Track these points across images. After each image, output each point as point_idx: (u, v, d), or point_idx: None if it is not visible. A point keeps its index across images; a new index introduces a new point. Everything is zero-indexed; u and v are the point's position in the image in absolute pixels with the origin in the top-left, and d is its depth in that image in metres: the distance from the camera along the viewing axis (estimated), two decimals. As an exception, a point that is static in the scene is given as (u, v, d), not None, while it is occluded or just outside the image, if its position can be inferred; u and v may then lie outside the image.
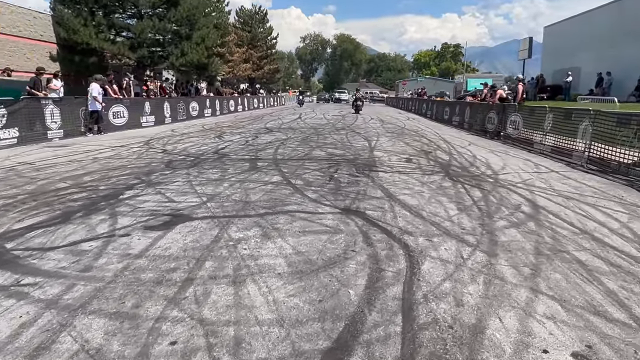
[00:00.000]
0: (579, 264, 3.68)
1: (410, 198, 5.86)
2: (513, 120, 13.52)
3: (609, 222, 4.98)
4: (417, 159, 9.38)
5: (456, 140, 13.30)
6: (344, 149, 10.93)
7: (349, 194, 6.01)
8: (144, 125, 17.19)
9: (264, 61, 50.22)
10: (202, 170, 7.72)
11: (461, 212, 5.21)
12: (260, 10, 51.88)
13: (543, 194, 6.33)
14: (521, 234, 4.43)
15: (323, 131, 15.77)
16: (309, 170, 7.80)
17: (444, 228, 4.56)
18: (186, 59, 25.19)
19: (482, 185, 6.79)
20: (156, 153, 9.78)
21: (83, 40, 22.79)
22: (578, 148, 9.56)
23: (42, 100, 11.89)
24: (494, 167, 8.59)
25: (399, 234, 4.33)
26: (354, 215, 4.99)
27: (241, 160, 8.93)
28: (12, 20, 22.31)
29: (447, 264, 3.60)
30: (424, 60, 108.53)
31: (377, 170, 7.95)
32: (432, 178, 7.33)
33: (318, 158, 9.33)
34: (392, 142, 12.51)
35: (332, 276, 3.32)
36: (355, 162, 8.84)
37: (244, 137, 13.42)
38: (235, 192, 6.00)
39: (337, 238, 4.18)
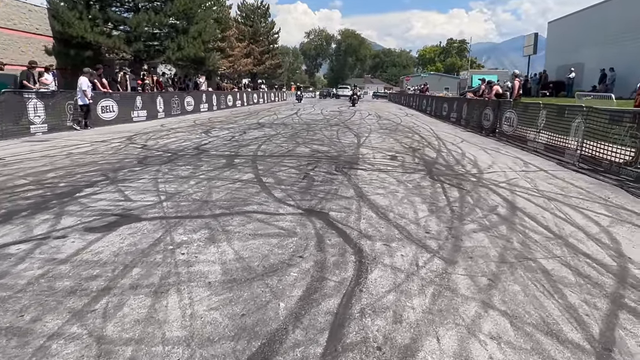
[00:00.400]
0: (544, 273, 3.37)
1: (382, 198, 5.56)
2: (508, 117, 13.16)
3: (588, 226, 4.66)
4: (403, 157, 9.06)
5: (449, 137, 12.96)
6: (331, 145, 10.63)
7: (319, 193, 5.72)
8: (135, 120, 16.95)
9: (266, 56, 49.89)
10: (174, 167, 7.45)
11: (431, 214, 4.91)
12: (262, 5, 51.50)
13: (525, 194, 6.00)
14: (489, 239, 4.12)
15: (315, 127, 15.47)
16: (286, 168, 7.51)
17: (407, 232, 4.26)
18: (183, 53, 24.92)
19: (462, 185, 6.48)
20: (135, 149, 9.52)
21: (78, 33, 22.58)
22: (570, 146, 9.21)
23: (25, 94, 11.65)
24: (481, 166, 8.26)
25: (357, 238, 4.04)
26: (315, 216, 4.69)
27: (220, 156, 8.65)
28: (6, 13, 22.10)
29: (398, 273, 3.30)
30: (429, 56, 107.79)
31: (357, 168, 7.64)
32: (412, 177, 7.02)
33: (300, 155, 9.03)
34: (383, 139, 12.18)
35: (267, 286, 3.04)
36: (338, 160, 8.54)
37: (231, 133, 13.14)
38: (199, 191, 5.72)
39: (288, 242, 3.89)
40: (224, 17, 40.98)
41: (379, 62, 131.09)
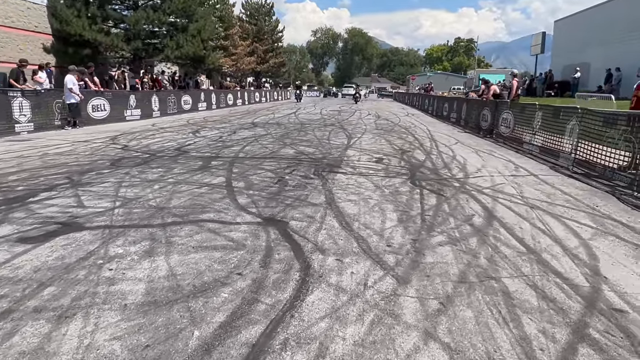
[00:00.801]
0: (504, 296, 3.03)
1: (352, 206, 5.24)
2: (505, 118, 12.77)
3: (568, 238, 4.31)
4: (390, 159, 8.73)
5: (443, 139, 12.58)
6: (318, 146, 10.31)
7: (287, 200, 5.40)
8: (128, 119, 16.73)
9: (270, 54, 49.59)
10: (145, 169, 7.17)
11: (399, 224, 4.57)
12: (266, 3, 51.20)
13: (507, 201, 5.65)
14: (454, 254, 3.78)
15: (309, 127, 15.16)
16: (262, 171, 7.20)
17: (367, 244, 3.93)
18: (181, 52, 24.65)
19: (443, 191, 6.13)
20: (114, 149, 9.26)
21: (76, 31, 22.36)
22: (565, 149, 8.83)
23: (10, 93, 11.43)
24: (469, 169, 7.90)
25: (309, 252, 3.72)
26: (273, 226, 4.38)
27: (198, 158, 8.37)
28: (4, 10, 21.97)
29: (340, 295, 2.98)
30: (436, 55, 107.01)
31: (337, 172, 7.32)
32: (392, 181, 6.69)
33: (283, 157, 8.73)
34: (374, 140, 11.84)
35: (189, 310, 2.73)
36: (321, 162, 8.23)
37: (221, 133, 12.86)
38: (159, 196, 5.43)
39: (232, 257, 3.58)
40: (227, 15, 40.76)
41: (386, 61, 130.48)
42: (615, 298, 3.08)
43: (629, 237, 4.41)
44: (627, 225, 4.83)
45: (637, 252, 3.99)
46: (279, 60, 51.14)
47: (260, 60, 47.27)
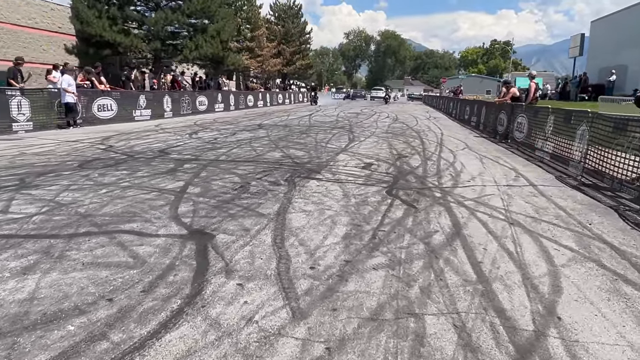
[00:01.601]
0: (415, 341, 2.43)
1: (302, 217, 4.69)
2: (520, 122, 11.91)
3: (536, 264, 3.64)
4: (380, 165, 8.13)
5: (452, 144, 11.83)
6: (311, 150, 9.79)
7: (233, 209, 4.91)
8: (137, 119, 16.64)
9: (297, 56, 49.38)
10: (109, 172, 6.83)
11: (342, 241, 4.00)
12: (294, 5, 51.05)
13: (486, 216, 4.98)
14: (385, 280, 3.19)
15: (315, 130, 14.65)
16: (231, 176, 6.73)
17: (288, 266, 3.38)
18: (200, 52, 24.60)
19: (417, 202, 5.50)
20: (95, 150, 9.03)
21: (97, 32, 22.60)
22: (574, 157, 8.01)
23: (8, 92, 11.39)
24: (462, 178, 7.22)
25: (213, 274, 3.21)
26: (195, 240, 3.89)
27: (174, 160, 8.00)
28: (27, 11, 22.43)
29: (211, 332, 2.46)
30: (471, 57, 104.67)
31: (313, 178, 6.78)
32: (367, 190, 6.10)
33: (266, 160, 8.27)
34: (376, 144, 11.22)
35: (12, 346, 2.25)
36: (302, 167, 7.71)
37: (219, 135, 12.53)
38: (96, 202, 5.02)
39: (120, 276, 3.11)
40: (254, 17, 40.81)
41: (420, 64, 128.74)
42: (559, 348, 2.43)
43: (612, 264, 3.69)
44: (616, 248, 4.10)
45: (614, 285, 3.29)
46: (306, 62, 50.86)
47: (286, 62, 47.10)
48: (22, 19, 22.34)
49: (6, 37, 21.58)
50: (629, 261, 3.81)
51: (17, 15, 22.05)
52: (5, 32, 21.54)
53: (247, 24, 41.77)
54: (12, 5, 21.92)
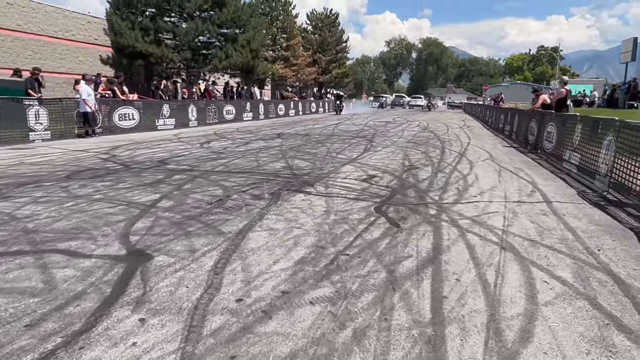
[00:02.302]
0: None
1: (264, 236, 4.26)
2: (549, 131, 11.06)
3: (513, 301, 3.06)
4: (383, 177, 7.60)
5: (475, 154, 11.09)
6: (317, 161, 9.36)
7: (193, 226, 4.54)
8: (160, 128, 16.72)
9: (333, 65, 49.14)
10: (91, 183, 6.64)
11: (294, 266, 3.55)
12: (331, 14, 50.95)
13: (477, 237, 4.39)
14: (317, 319, 2.72)
15: (333, 139, 14.22)
16: (215, 189, 6.39)
17: (212, 296, 2.96)
18: (229, 62, 24.67)
19: (405, 221, 4.96)
20: (95, 160, 8.94)
21: (129, 43, 23.04)
22: (601, 170, 7.21)
23: (26, 101, 11.58)
24: (469, 192, 6.59)
25: (121, 305, 2.84)
26: (127, 262, 3.54)
27: (167, 171, 7.79)
28: (64, 24, 23.19)
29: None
30: (517, 64, 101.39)
31: (303, 191, 6.35)
32: (355, 205, 5.60)
33: (263, 172, 7.91)
34: (391, 154, 10.66)
35: None
36: (298, 179, 7.31)
37: (231, 144, 12.31)
38: (52, 216, 4.79)
39: (14, 306, 2.76)
40: (289, 26, 40.92)
41: (464, 71, 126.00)
42: None
43: (609, 304, 3.06)
44: (621, 282, 3.44)
45: (601, 332, 2.67)
46: (342, 70, 50.53)
47: (322, 70, 46.95)
48: (59, 32, 23.12)
49: (43, 49, 22.36)
50: (632, 300, 3.15)
51: (54, 28, 22.84)
52: (42, 44, 22.33)
53: (283, 33, 41.92)
54: (50, 18, 22.72)
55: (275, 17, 41.46)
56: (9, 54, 20.68)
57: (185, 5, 23.93)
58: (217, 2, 24.62)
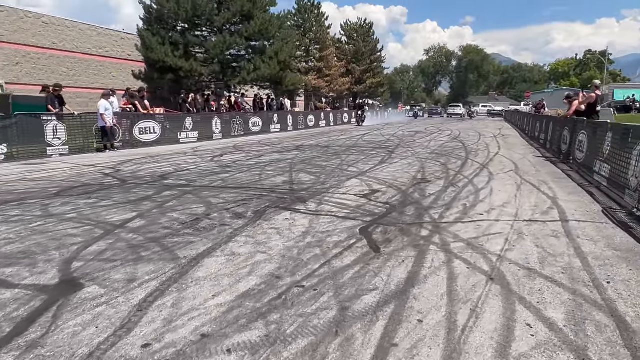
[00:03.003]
0: None
1: (220, 262, 3.86)
2: (580, 140, 10.18)
3: (479, 353, 2.50)
4: (386, 193, 7.09)
5: (500, 165, 10.35)
6: (323, 174, 8.93)
7: (150, 249, 4.19)
8: (183, 142, 16.72)
9: (367, 75, 48.65)
10: (74, 201, 6.48)
11: (233, 301, 3.14)
12: (365, 24, 50.58)
13: (465, 265, 3.84)
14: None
15: (351, 151, 13.75)
16: (198, 206, 6.07)
17: (115, 342, 2.55)
18: (258, 74, 24.65)
19: (389, 243, 4.45)
20: (97, 175, 8.82)
21: (159, 58, 23.46)
22: (631, 183, 6.42)
23: (43, 117, 11.74)
24: (477, 209, 5.98)
25: (5, 352, 2.44)
26: (52, 294, 3.21)
27: (161, 186, 7.56)
28: (99, 41, 23.83)
29: None
30: (562, 70, 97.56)
31: (290, 209, 5.93)
32: (340, 226, 5.13)
33: (258, 187, 7.57)
34: (406, 167, 10.10)
35: None
36: (292, 195, 6.90)
37: (244, 157, 12.06)
38: (8, 238, 4.54)
39: None
40: (322, 37, 40.86)
41: (507, 78, 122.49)
42: None
43: (601, 357, 2.44)
44: (626, 326, 2.83)
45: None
46: (377, 80, 49.93)
47: (356, 80, 46.54)
48: (93, 49, 23.78)
49: (77, 66, 23.01)
50: (633, 353, 2.52)
51: (88, 45, 23.50)
52: (77, 61, 22.99)
53: (316, 44, 41.89)
54: (83, 36, 23.41)
55: (309, 28, 41.50)
56: (44, 71, 21.38)
57: (214, 19, 24.16)
58: (245, 15, 24.73)
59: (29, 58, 20.64)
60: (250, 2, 24.56)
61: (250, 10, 24.72)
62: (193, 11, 23.64)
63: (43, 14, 21.70)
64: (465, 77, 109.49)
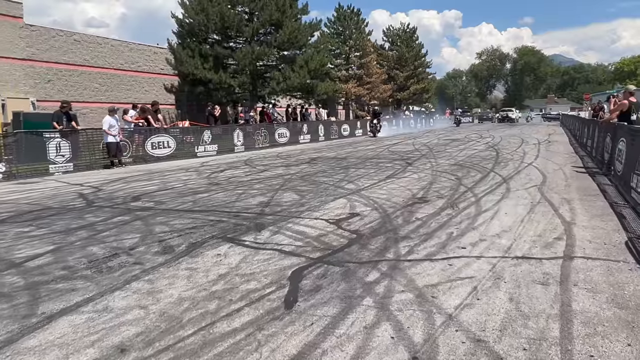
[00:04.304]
0: None
1: (79, 323, 3.10)
2: (620, 148, 8.68)
3: None
4: (365, 217, 6.12)
5: (525, 179, 9.07)
6: (310, 193, 8.06)
7: (17, 298, 3.45)
8: (200, 155, 16.28)
9: (411, 81, 47.09)
10: (5, 229, 5.87)
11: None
12: (408, 29, 49.13)
13: (391, 332, 2.88)
14: None
15: (363, 164, 12.72)
16: (135, 236, 5.33)
17: None
18: (287, 84, 24.05)
19: (315, 293, 3.54)
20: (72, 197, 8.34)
21: (189, 70, 23.40)
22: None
23: (45, 134, 11.55)
24: (461, 241, 4.91)
25: None
26: None
27: (124, 210, 6.93)
28: (131, 57, 24.10)
29: None
30: (628, 69, 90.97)
31: (234, 240, 5.09)
32: (277, 265, 4.24)
33: (226, 210, 6.83)
34: (413, 182, 9.03)
35: None
36: (253, 221, 6.08)
37: (246, 173, 11.40)
38: None
39: None
40: (362, 44, 39.94)
41: (568, 80, 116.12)
42: None
43: None
44: None
45: None
46: (421, 85, 48.22)
47: (398, 87, 45.13)
48: (125, 64, 24.08)
49: (109, 81, 23.34)
50: None
51: (120, 61, 23.82)
52: (109, 77, 23.33)
53: (356, 51, 40.99)
54: (115, 52, 23.75)
55: (348, 35, 40.70)
56: (75, 87, 21.80)
57: (243, 30, 23.81)
58: (274, 24, 24.24)
59: (60, 75, 21.11)
60: (279, 11, 24.07)
61: (280, 19, 24.22)
62: (222, 22, 23.42)
63: (74, 32, 22.19)
64: (520, 80, 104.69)
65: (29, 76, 19.55)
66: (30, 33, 19.84)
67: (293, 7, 25.79)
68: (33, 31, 19.96)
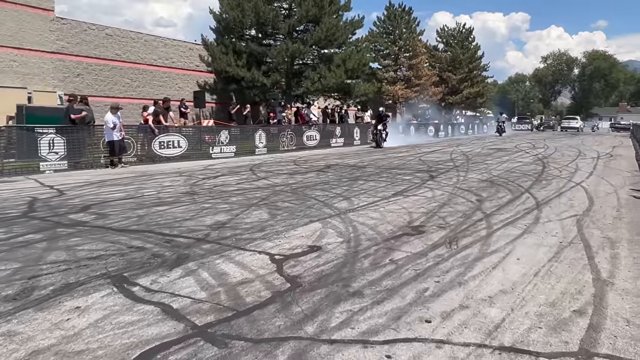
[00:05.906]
0: None
1: None
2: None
3: None
4: (324, 254, 4.66)
5: (564, 205, 7.32)
6: (285, 212, 6.71)
7: None
8: (215, 157, 15.28)
9: (464, 84, 44.43)
10: None
11: None
12: (464, 29, 46.44)
13: None
14: None
15: (377, 174, 11.18)
16: (16, 266, 4.14)
17: None
18: (322, 84, 22.70)
19: None
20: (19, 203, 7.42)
21: (222, 68, 22.63)
22: None
23: (37, 130, 10.85)
24: (429, 309, 3.44)
25: None
26: None
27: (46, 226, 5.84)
28: (165, 52, 23.59)
29: None
30: None
31: (126, 281, 3.84)
32: (138, 334, 2.90)
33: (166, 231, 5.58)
34: (420, 202, 7.48)
35: None
36: (179, 250, 4.79)
37: (240, 180, 10.20)
38: None
39: None
40: (412, 44, 38.00)
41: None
42: None
43: None
44: None
45: None
46: (475, 90, 45.38)
47: (450, 90, 42.67)
48: (158, 59, 23.59)
49: (142, 77, 22.91)
50: None
51: (153, 56, 23.35)
52: (140, 72, 22.90)
53: (406, 52, 39.07)
54: (149, 47, 23.31)
55: (398, 35, 38.85)
56: (105, 82, 21.50)
57: (279, 26, 22.72)
58: (311, 21, 22.98)
59: (90, 70, 20.85)
60: (317, 7, 22.76)
61: (317, 16, 22.92)
62: (257, 18, 22.43)
63: (107, 26, 21.91)
64: (589, 86, 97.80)
65: (58, 70, 19.35)
66: (61, 26, 19.65)
67: (334, 3, 24.40)
68: (64, 24, 19.76)
